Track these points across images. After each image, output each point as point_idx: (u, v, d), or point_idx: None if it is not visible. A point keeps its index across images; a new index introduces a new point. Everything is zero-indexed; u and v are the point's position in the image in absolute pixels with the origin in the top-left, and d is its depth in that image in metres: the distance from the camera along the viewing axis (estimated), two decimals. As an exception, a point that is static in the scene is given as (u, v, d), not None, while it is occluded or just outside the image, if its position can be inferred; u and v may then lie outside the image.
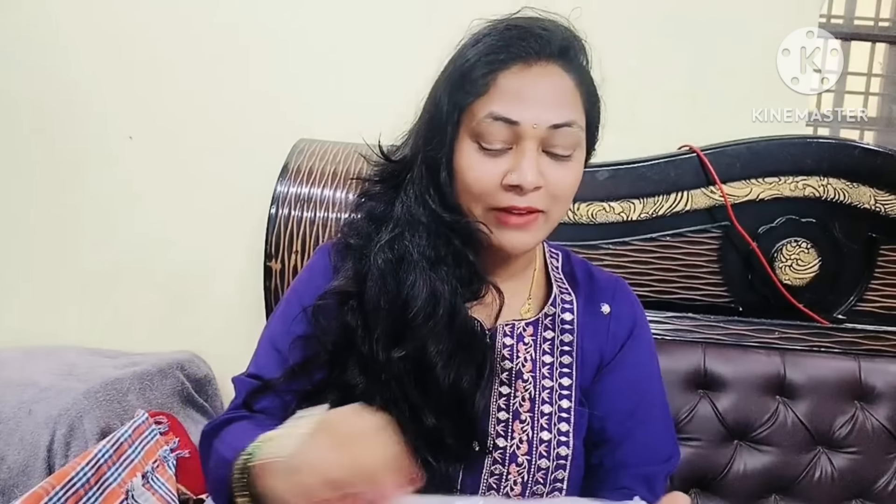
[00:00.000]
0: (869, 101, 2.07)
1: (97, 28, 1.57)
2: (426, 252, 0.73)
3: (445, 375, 0.71)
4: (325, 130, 1.41)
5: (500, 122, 0.69)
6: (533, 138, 0.70)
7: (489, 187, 0.71)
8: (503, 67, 0.70)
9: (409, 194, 0.75)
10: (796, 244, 1.26)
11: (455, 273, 0.74)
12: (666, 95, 1.50)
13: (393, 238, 0.74)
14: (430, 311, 0.71)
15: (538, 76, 0.71)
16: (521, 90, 0.70)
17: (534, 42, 0.71)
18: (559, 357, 0.80)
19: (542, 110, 0.70)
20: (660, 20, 1.52)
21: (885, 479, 1.19)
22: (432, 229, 0.74)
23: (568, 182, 0.73)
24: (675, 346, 1.22)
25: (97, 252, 1.65)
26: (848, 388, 1.21)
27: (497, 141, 0.70)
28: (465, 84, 0.71)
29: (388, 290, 0.73)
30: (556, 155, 0.71)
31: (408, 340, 0.71)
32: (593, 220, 1.25)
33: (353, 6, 1.54)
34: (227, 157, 1.59)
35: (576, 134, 0.72)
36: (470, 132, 0.71)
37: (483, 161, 0.71)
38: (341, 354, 0.74)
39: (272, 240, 1.22)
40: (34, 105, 1.60)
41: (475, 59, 0.71)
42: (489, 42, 0.71)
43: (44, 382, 1.29)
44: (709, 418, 1.19)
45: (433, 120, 0.74)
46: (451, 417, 0.71)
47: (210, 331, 1.64)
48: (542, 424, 0.76)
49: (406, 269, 0.73)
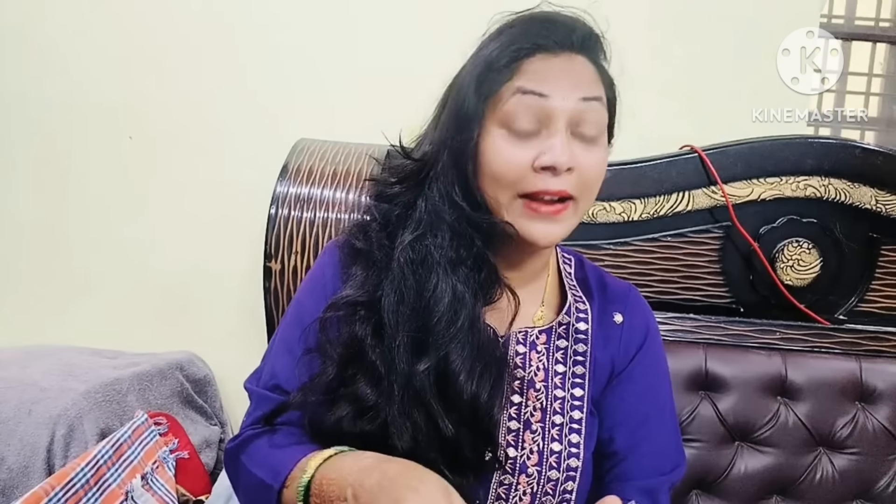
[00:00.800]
0: (870, 101, 2.07)
1: (97, 28, 1.56)
2: (448, 253, 0.71)
3: (468, 386, 0.68)
4: (325, 130, 1.41)
5: (529, 95, 0.68)
6: (562, 117, 0.68)
7: (520, 171, 0.69)
8: (528, 55, 0.69)
9: (434, 192, 0.73)
10: (797, 244, 1.26)
11: (474, 276, 0.72)
12: (666, 95, 1.49)
13: (415, 239, 0.72)
14: (452, 316, 0.69)
15: (564, 62, 0.70)
16: (549, 71, 0.69)
17: (557, 33, 0.70)
18: (572, 367, 0.78)
19: (571, 85, 0.69)
20: (660, 20, 1.52)
21: (886, 479, 1.19)
22: (456, 229, 0.72)
23: (597, 167, 0.72)
24: (676, 346, 1.22)
25: (97, 252, 1.65)
26: (849, 388, 1.20)
27: (526, 120, 0.69)
28: (489, 73, 0.70)
29: (409, 294, 0.70)
30: (584, 137, 0.70)
31: (431, 350, 0.68)
32: (594, 220, 1.25)
33: (354, 6, 1.54)
34: (227, 157, 1.59)
35: (602, 113, 0.71)
36: (497, 119, 0.70)
37: (512, 145, 0.69)
38: (350, 366, 0.71)
39: (272, 240, 1.22)
40: (34, 105, 1.60)
41: (499, 49, 0.70)
42: (512, 33, 0.71)
43: (44, 382, 1.29)
44: (710, 419, 1.19)
45: (458, 112, 0.72)
46: (468, 428, 0.69)
47: (210, 331, 1.64)
48: (553, 435, 0.75)
49: (427, 271, 0.71)
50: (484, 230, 0.72)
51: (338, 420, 0.69)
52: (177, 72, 1.57)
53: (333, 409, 0.70)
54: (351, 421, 0.68)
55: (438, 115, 0.77)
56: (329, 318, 0.72)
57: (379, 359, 0.69)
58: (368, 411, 0.68)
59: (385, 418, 0.68)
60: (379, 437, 0.68)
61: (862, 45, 2.01)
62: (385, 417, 0.68)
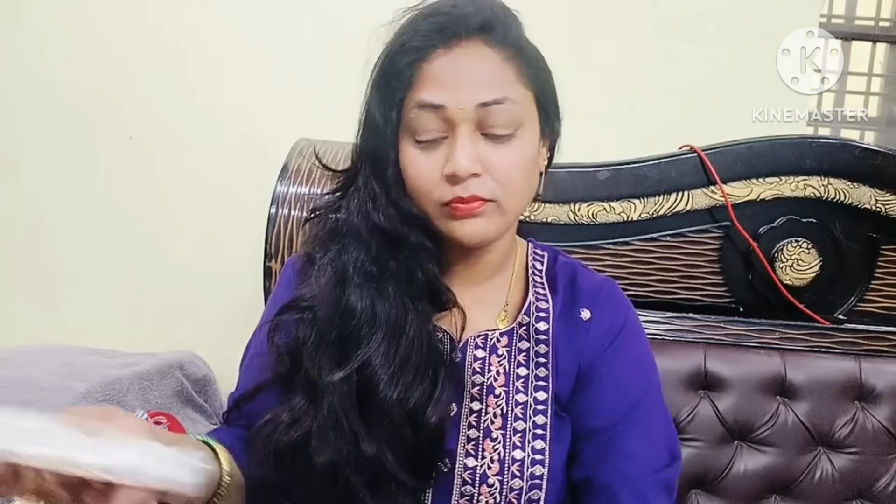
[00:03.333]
0: (869, 101, 2.07)
1: (97, 28, 1.57)
2: (366, 267, 0.70)
3: (389, 392, 0.66)
4: (325, 130, 1.41)
5: (426, 109, 0.67)
6: (465, 122, 0.66)
7: (430, 182, 0.68)
8: (425, 55, 0.67)
9: (351, 207, 0.72)
10: (797, 244, 1.26)
11: (405, 287, 0.70)
12: (666, 95, 1.50)
13: (336, 253, 0.71)
14: (368, 329, 0.68)
15: (460, 56, 0.67)
16: (444, 73, 0.66)
17: (451, 23, 0.67)
18: (534, 370, 0.75)
19: (468, 90, 0.66)
20: (660, 20, 1.52)
21: (886, 479, 1.19)
22: (374, 242, 0.70)
23: (512, 163, 0.68)
24: (675, 346, 1.22)
25: (97, 251, 1.65)
26: (848, 388, 1.20)
27: (428, 131, 0.67)
28: (391, 79, 0.68)
29: (328, 309, 0.69)
30: (495, 136, 0.67)
31: (348, 360, 0.67)
32: (593, 220, 1.25)
33: (354, 5, 1.54)
34: (226, 157, 1.59)
35: (512, 110, 0.68)
36: (405, 129, 0.69)
37: (420, 156, 0.68)
38: (290, 375, 0.70)
39: (272, 240, 1.22)
40: (35, 105, 1.60)
41: (396, 50, 0.69)
42: (408, 32, 0.69)
43: (44, 382, 1.29)
44: (709, 419, 1.19)
45: (368, 122, 0.71)
46: (409, 444, 0.67)
47: (210, 331, 1.64)
48: (515, 442, 0.72)
49: (344, 286, 0.70)
50: (411, 239, 0.70)
51: (273, 427, 0.68)
52: (177, 72, 1.57)
53: (271, 413, 0.69)
54: (284, 429, 0.67)
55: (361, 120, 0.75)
56: (278, 323, 0.72)
57: (312, 366, 0.69)
58: (298, 421, 0.67)
59: (310, 430, 0.67)
60: (306, 448, 0.67)
61: (862, 45, 2.01)
62: (310, 429, 0.67)
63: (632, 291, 1.25)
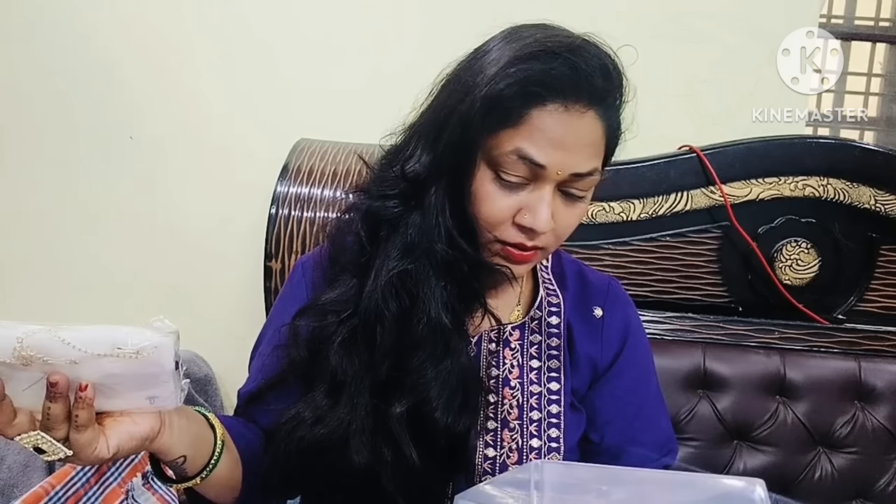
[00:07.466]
0: (869, 101, 2.07)
1: (97, 28, 1.57)
2: (438, 292, 0.70)
3: (443, 419, 0.68)
4: (325, 130, 1.41)
5: (525, 160, 0.65)
6: (553, 181, 0.67)
7: (501, 221, 0.68)
8: (540, 103, 0.64)
9: (430, 223, 0.69)
10: (796, 244, 1.27)
11: (460, 307, 0.72)
12: (666, 95, 1.49)
13: (404, 269, 0.70)
14: (435, 360, 0.69)
15: (576, 120, 0.65)
16: (555, 133, 0.65)
17: (579, 82, 0.65)
18: (547, 361, 0.79)
19: (570, 158, 0.66)
20: (659, 20, 1.52)
21: (886, 479, 1.19)
22: (447, 263, 0.70)
23: (575, 223, 0.72)
24: (674, 346, 1.22)
25: (97, 251, 1.65)
26: (848, 388, 1.21)
27: (516, 175, 0.67)
28: (494, 110, 0.65)
29: (390, 324, 0.69)
30: (570, 195, 0.69)
31: (407, 391, 0.68)
32: (593, 220, 1.25)
33: (354, 5, 1.54)
34: (226, 157, 1.59)
35: (594, 180, 0.70)
36: (489, 159, 0.67)
37: (499, 193, 0.67)
38: (311, 373, 0.72)
39: (272, 240, 1.22)
40: (35, 105, 1.60)
41: (508, 84, 0.64)
42: (525, 69, 0.64)
43: (44, 382, 1.29)
44: (708, 418, 1.19)
45: (458, 143, 0.67)
46: (440, 457, 0.70)
47: (210, 331, 1.64)
48: (532, 431, 0.76)
49: (412, 305, 0.69)
50: (475, 267, 0.71)
51: (295, 424, 0.69)
52: (177, 72, 1.57)
53: (293, 410, 0.70)
54: (308, 427, 0.69)
55: (428, 124, 0.72)
56: (301, 324, 0.73)
57: (342, 370, 0.69)
58: (322, 419, 0.68)
59: (344, 431, 0.68)
60: (338, 447, 0.68)
61: (861, 45, 2.02)
62: (345, 430, 0.68)
63: (631, 291, 1.24)
